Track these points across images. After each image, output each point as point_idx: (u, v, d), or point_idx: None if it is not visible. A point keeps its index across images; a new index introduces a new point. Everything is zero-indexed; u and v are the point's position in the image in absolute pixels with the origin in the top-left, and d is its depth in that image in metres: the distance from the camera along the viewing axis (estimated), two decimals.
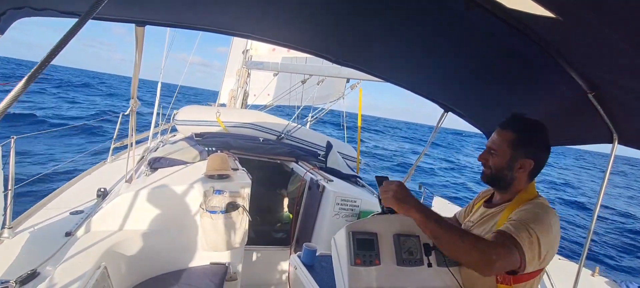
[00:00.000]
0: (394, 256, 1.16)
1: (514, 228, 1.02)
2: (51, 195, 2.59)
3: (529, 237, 1.01)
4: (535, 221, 1.04)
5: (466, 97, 2.03)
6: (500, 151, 1.16)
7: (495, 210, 1.22)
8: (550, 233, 1.05)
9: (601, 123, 1.43)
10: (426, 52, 1.61)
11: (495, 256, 0.96)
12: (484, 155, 1.21)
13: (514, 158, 1.14)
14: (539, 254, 1.02)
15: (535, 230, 1.02)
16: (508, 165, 1.15)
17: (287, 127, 3.98)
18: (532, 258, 1.01)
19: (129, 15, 1.55)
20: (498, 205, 1.23)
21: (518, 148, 1.14)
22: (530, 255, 1.00)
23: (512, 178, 1.17)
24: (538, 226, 1.03)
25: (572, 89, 1.30)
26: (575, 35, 1.01)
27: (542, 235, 1.02)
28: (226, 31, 1.77)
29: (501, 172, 1.17)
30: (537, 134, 1.16)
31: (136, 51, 1.88)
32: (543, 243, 1.02)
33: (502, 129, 1.18)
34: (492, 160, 1.18)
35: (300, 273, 1.59)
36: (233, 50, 7.18)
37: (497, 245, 0.99)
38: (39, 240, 1.83)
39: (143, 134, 4.60)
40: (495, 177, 1.19)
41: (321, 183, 2.69)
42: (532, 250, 1.01)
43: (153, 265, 2.06)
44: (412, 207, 1.02)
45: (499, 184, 1.21)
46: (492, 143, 1.19)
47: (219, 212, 2.09)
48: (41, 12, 1.25)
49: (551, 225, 1.06)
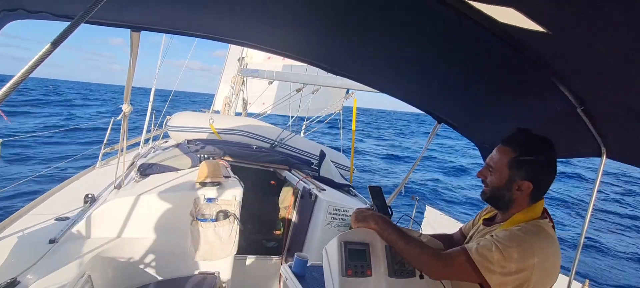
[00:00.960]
0: (386, 267, 1.15)
1: (476, 246, 1.02)
2: (36, 200, 2.52)
3: (491, 257, 0.97)
4: (508, 242, 0.98)
5: (459, 109, 2.05)
6: (498, 169, 1.10)
7: (490, 228, 1.17)
8: (530, 258, 0.97)
9: (590, 137, 1.45)
10: (419, 63, 1.63)
11: (437, 264, 1.06)
12: (483, 172, 1.16)
13: (511, 179, 1.07)
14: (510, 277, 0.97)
15: (504, 252, 0.96)
16: (506, 185, 1.08)
17: (281, 135, 3.97)
18: (499, 280, 0.97)
19: (124, 20, 1.54)
20: (497, 224, 1.17)
21: (516, 169, 1.07)
22: (494, 276, 0.97)
23: (510, 198, 1.10)
24: (510, 248, 0.97)
25: (561, 103, 1.32)
26: (565, 50, 1.03)
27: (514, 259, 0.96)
28: (222, 38, 1.77)
29: (498, 191, 1.11)
30: (540, 154, 1.07)
31: (131, 56, 1.87)
32: (514, 267, 0.96)
33: (503, 145, 1.11)
34: (490, 178, 1.12)
35: (290, 284, 1.56)
36: (230, 57, 7.19)
37: (442, 256, 1.07)
38: (21, 247, 1.77)
39: (134, 140, 4.54)
40: (493, 196, 1.14)
41: (314, 192, 2.68)
42: (496, 271, 0.97)
43: (140, 274, 2.01)
44: (370, 221, 1.17)
45: (497, 204, 1.16)
46: (491, 160, 1.13)
47: (209, 220, 2.05)
48: (35, 14, 1.24)
49: (533, 250, 0.97)
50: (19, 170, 7.83)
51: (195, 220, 2.03)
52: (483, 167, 1.17)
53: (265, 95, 6.61)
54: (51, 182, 5.03)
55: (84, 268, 1.61)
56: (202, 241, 2.04)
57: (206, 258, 2.07)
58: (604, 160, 1.54)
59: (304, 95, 6.07)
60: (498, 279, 0.97)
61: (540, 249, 0.99)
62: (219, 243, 2.08)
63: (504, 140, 1.12)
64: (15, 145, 9.59)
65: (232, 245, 2.14)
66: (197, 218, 2.03)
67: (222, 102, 6.02)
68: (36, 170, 7.27)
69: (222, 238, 2.09)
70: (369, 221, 1.18)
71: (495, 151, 1.14)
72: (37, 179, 4.58)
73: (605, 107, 1.26)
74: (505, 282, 0.98)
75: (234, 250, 2.16)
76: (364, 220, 1.18)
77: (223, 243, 2.10)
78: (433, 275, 1.11)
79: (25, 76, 0.62)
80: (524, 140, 1.09)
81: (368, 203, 3.08)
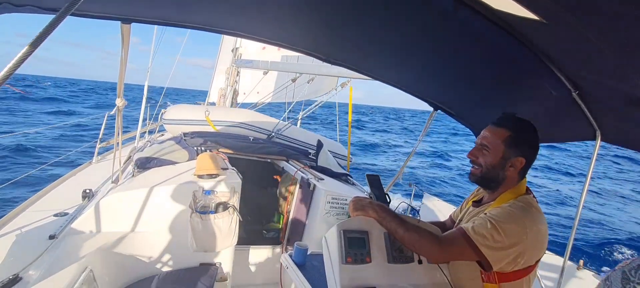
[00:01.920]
0: (385, 254, 1.17)
1: (472, 224, 1.07)
2: (35, 196, 2.52)
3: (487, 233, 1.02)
4: (502, 218, 1.04)
5: (454, 95, 2.06)
6: (494, 148, 1.15)
7: (482, 208, 1.23)
8: (522, 231, 1.03)
9: (585, 121, 1.47)
10: (415, 51, 1.62)
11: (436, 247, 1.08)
12: (474, 153, 1.19)
13: (506, 157, 1.14)
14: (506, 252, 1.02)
15: (499, 228, 1.02)
16: (500, 163, 1.14)
17: (278, 126, 3.96)
18: (496, 255, 1.02)
19: (114, 11, 1.51)
20: (485, 204, 1.23)
21: (512, 146, 1.13)
22: (490, 252, 1.02)
23: (503, 177, 1.15)
24: (504, 224, 1.03)
25: (557, 88, 1.33)
26: (559, 36, 1.04)
27: (508, 233, 1.02)
28: (215, 29, 1.75)
29: (493, 170, 1.15)
30: (530, 133, 1.17)
31: (122, 49, 1.84)
32: (509, 241, 1.01)
33: (496, 127, 1.17)
34: (484, 158, 1.16)
35: (291, 273, 1.58)
36: (222, 48, 7.09)
37: (441, 239, 1.11)
38: (21, 244, 1.77)
39: (130, 134, 4.51)
40: (485, 176, 1.17)
41: (312, 182, 2.69)
42: (493, 247, 1.02)
43: (141, 267, 2.02)
44: (368, 209, 1.18)
45: (489, 184, 1.20)
46: (484, 139, 1.17)
47: (208, 212, 2.06)
48: (21, 8, 1.21)
49: (525, 224, 1.04)
50: (16, 166, 7.77)
51: (194, 212, 2.04)
52: (474, 149, 1.20)
53: (260, 86, 6.56)
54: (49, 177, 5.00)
55: (85, 263, 1.62)
56: (202, 233, 2.05)
57: (207, 249, 2.08)
58: (599, 143, 1.57)
59: (299, 85, 6.03)
60: (496, 254, 1.02)
61: (531, 222, 1.06)
62: (219, 235, 2.10)
63: (497, 121, 1.18)
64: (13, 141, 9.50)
65: (232, 236, 2.15)
66: (196, 211, 2.04)
67: (217, 94, 5.97)
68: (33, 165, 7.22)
69: (222, 230, 2.10)
70: (367, 210, 1.19)
71: (487, 132, 1.18)
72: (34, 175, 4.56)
73: (600, 92, 1.27)
74: (503, 257, 1.03)
75: (234, 241, 2.18)
76: (362, 209, 1.20)
77: (223, 235, 2.11)
78: (433, 259, 1.15)
79: (14, 69, 0.62)
80: (516, 120, 1.17)
81: (366, 191, 3.11)
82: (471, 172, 1.21)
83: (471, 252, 1.04)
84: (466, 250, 1.05)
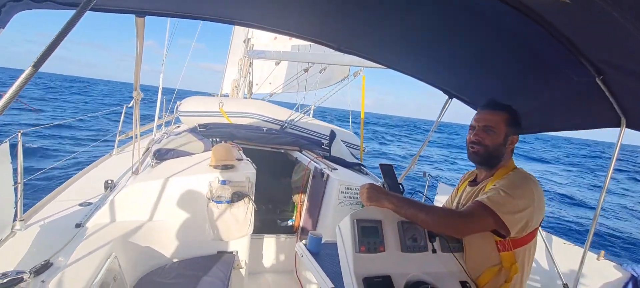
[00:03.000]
0: (399, 243, 1.17)
1: (486, 196, 1.15)
2: (60, 187, 2.63)
3: (503, 200, 1.12)
4: (511, 186, 1.16)
5: (471, 83, 2.00)
6: (498, 129, 1.25)
7: (479, 186, 1.30)
8: (530, 195, 1.15)
9: (609, 107, 1.41)
10: (430, 38, 1.58)
11: (460, 221, 1.15)
12: (480, 135, 1.28)
13: (507, 136, 1.26)
14: (520, 215, 1.12)
15: (511, 194, 1.13)
16: (503, 141, 1.26)
17: (291, 117, 3.98)
18: (513, 219, 1.11)
19: (128, 5, 1.54)
20: (482, 181, 1.32)
21: (511, 127, 1.26)
22: (508, 217, 1.11)
23: (503, 154, 1.28)
24: (515, 190, 1.14)
25: (579, 74, 1.27)
26: (582, 19, 0.99)
27: (520, 197, 1.13)
28: (227, 20, 1.75)
29: (497, 149, 1.26)
30: (518, 115, 1.30)
31: (137, 42, 1.87)
32: (522, 204, 1.12)
33: (494, 110, 1.28)
34: (490, 139, 1.26)
35: (306, 261, 1.61)
36: (234, 40, 7.12)
37: (462, 213, 1.18)
38: (50, 232, 1.87)
39: (147, 126, 4.62)
40: (490, 155, 1.27)
41: (325, 172, 2.70)
42: (510, 211, 1.11)
43: (161, 254, 2.10)
44: (383, 200, 1.19)
45: (491, 161, 1.29)
46: (489, 122, 1.27)
47: (224, 202, 2.11)
48: (40, 4, 1.24)
49: (531, 188, 1.16)
50: (41, 159, 8.12)
51: (211, 202, 2.09)
52: (478, 130, 1.29)
53: (272, 76, 6.58)
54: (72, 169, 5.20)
55: (110, 250, 1.70)
56: (219, 222, 2.11)
57: (223, 238, 2.14)
58: (624, 130, 1.50)
59: (311, 75, 6.01)
60: (511, 218, 1.12)
61: (535, 187, 1.18)
62: (235, 224, 2.15)
63: (493, 105, 1.30)
64: (36, 135, 9.92)
65: (248, 225, 2.20)
66: (213, 200, 2.09)
67: (230, 85, 6.03)
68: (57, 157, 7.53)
69: (238, 219, 2.15)
70: (382, 201, 1.19)
71: (488, 115, 1.29)
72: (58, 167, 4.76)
73: (624, 77, 1.21)
74: (517, 220, 1.12)
75: (250, 229, 2.23)
76: (377, 200, 1.20)
77: (239, 224, 2.17)
78: (458, 233, 1.22)
79: (38, 66, 0.64)
80: (505, 104, 1.30)
81: (379, 181, 3.10)
82: (475, 151, 1.29)
83: (491, 221, 1.12)
84: (486, 219, 1.12)
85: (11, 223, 1.84)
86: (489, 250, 1.20)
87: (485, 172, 1.33)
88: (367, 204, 1.22)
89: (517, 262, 1.18)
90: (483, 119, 1.28)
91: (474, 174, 1.42)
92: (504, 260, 1.19)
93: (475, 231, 1.19)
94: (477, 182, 1.35)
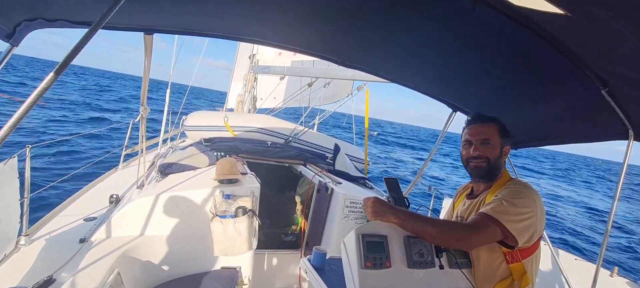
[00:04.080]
0: (405, 258, 1.15)
1: (489, 207, 1.15)
2: (65, 202, 2.64)
3: (507, 210, 1.11)
4: (513, 196, 1.16)
5: (474, 96, 2.00)
6: (494, 141, 1.29)
7: (479, 198, 1.30)
8: (532, 203, 1.16)
9: (615, 119, 1.39)
10: (433, 51, 1.59)
11: (466, 233, 1.14)
12: (479, 149, 1.28)
13: (502, 147, 1.30)
14: (526, 223, 1.12)
15: (514, 203, 1.14)
16: (500, 153, 1.29)
17: (295, 130, 3.99)
18: (519, 228, 1.11)
19: (137, 23, 1.58)
20: (481, 194, 1.32)
21: (503, 137, 1.30)
22: (514, 225, 1.10)
23: (501, 165, 1.31)
24: (517, 199, 1.15)
25: (584, 86, 1.27)
26: (585, 31, 0.99)
27: (523, 206, 1.14)
28: (232, 37, 1.79)
29: (497, 160, 1.29)
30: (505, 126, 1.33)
31: (145, 58, 1.92)
32: (526, 213, 1.13)
33: (485, 122, 1.31)
34: (489, 152, 1.28)
35: (310, 277, 1.58)
36: (240, 55, 7.25)
37: (468, 225, 1.17)
38: (54, 247, 1.87)
39: (153, 140, 4.66)
40: (492, 167, 1.28)
41: (330, 186, 2.69)
42: (516, 220, 1.10)
43: (165, 270, 2.08)
44: (389, 215, 1.18)
45: (493, 174, 1.30)
46: (485, 135, 1.29)
47: (228, 217, 2.10)
48: (54, 23, 1.28)
49: (532, 196, 1.18)
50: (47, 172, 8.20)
51: (215, 216, 2.08)
52: (477, 145, 1.30)
53: (276, 91, 6.64)
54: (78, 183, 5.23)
55: (114, 265, 1.69)
56: (223, 237, 2.09)
57: (227, 253, 2.12)
58: (632, 142, 1.48)
59: (315, 90, 6.06)
60: (518, 226, 1.12)
61: (536, 195, 1.20)
62: (239, 239, 2.13)
63: (482, 119, 1.33)
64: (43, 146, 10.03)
65: (251, 240, 2.18)
66: (216, 215, 2.08)
67: (235, 100, 6.09)
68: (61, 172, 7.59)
69: (242, 234, 2.13)
70: (388, 215, 1.18)
71: (482, 129, 1.30)
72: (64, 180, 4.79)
73: (630, 88, 1.20)
74: (524, 228, 1.12)
75: (253, 245, 2.20)
76: (383, 215, 1.19)
77: (243, 239, 2.14)
78: (466, 246, 1.20)
79: (51, 83, 0.66)
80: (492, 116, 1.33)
81: (384, 195, 3.07)
82: (478, 166, 1.29)
83: (498, 231, 1.11)
84: (493, 230, 1.11)
85: (16, 238, 1.85)
86: (498, 263, 1.18)
87: (483, 184, 1.34)
88: (371, 218, 1.21)
89: (527, 272, 1.16)
90: (479, 133, 1.29)
91: (469, 187, 1.42)
92: (514, 272, 1.17)
93: (483, 243, 1.17)
94: (475, 194, 1.35)
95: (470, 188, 1.43)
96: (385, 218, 1.18)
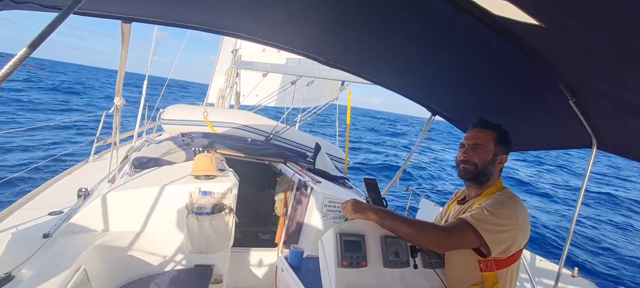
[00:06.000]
0: (381, 258, 1.17)
1: (470, 214, 1.16)
2: (29, 195, 2.49)
3: (486, 219, 1.12)
4: (496, 206, 1.16)
5: (453, 101, 2.06)
6: (486, 147, 1.27)
7: (467, 204, 1.32)
8: (514, 216, 1.15)
9: (582, 129, 1.47)
10: (415, 56, 1.63)
11: (441, 235, 1.15)
12: (469, 153, 1.29)
13: (496, 154, 1.28)
14: (502, 235, 1.12)
15: (495, 213, 1.13)
16: (492, 160, 1.28)
17: (276, 128, 3.96)
18: (494, 239, 1.11)
19: (114, 10, 1.51)
20: (471, 200, 1.33)
21: (499, 145, 1.28)
22: (489, 235, 1.11)
23: (492, 173, 1.29)
24: (499, 210, 1.15)
25: (555, 95, 1.33)
26: (558, 42, 1.04)
27: (504, 217, 1.13)
28: (215, 30, 1.75)
29: (486, 167, 1.27)
30: (508, 135, 1.31)
31: (122, 48, 1.83)
32: (505, 225, 1.13)
33: (483, 128, 1.30)
34: (479, 157, 1.27)
35: (286, 275, 1.57)
36: (223, 49, 7.09)
37: (444, 228, 1.18)
38: (15, 242, 1.75)
39: (127, 133, 4.48)
40: (479, 173, 1.28)
41: (309, 185, 2.68)
42: (492, 230, 1.11)
43: (136, 268, 2.00)
44: (368, 212, 1.20)
45: (480, 180, 1.30)
46: (477, 140, 1.28)
47: (205, 214, 2.05)
48: (21, 5, 1.20)
49: (516, 210, 1.17)
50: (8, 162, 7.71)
51: (190, 213, 2.03)
52: (467, 148, 1.30)
53: (259, 88, 6.56)
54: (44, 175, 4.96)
55: (79, 262, 1.61)
56: (198, 234, 2.04)
57: (202, 251, 2.07)
58: (595, 151, 1.57)
59: (299, 88, 6.03)
60: (494, 237, 1.12)
61: (520, 209, 1.19)
62: (215, 236, 2.08)
63: (482, 124, 1.32)
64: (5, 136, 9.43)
65: (228, 238, 2.14)
66: (192, 212, 2.03)
67: (216, 95, 5.96)
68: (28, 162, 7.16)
69: (219, 231, 2.09)
70: (366, 212, 1.20)
71: (477, 133, 1.30)
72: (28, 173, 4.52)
73: (597, 99, 1.28)
74: (500, 240, 1.13)
75: (230, 242, 2.17)
76: (361, 212, 1.21)
77: (219, 236, 2.10)
78: (440, 247, 1.21)
79: (13, 69, 0.61)
80: (495, 124, 1.31)
81: (363, 195, 3.10)
82: (464, 169, 1.30)
83: (473, 238, 1.12)
84: (469, 236, 1.12)
85: None
86: (471, 268, 1.21)
87: (474, 190, 1.34)
88: (352, 216, 1.22)
89: (498, 282, 1.18)
90: (472, 138, 1.30)
91: (463, 193, 1.44)
92: (486, 280, 1.19)
93: (457, 247, 1.20)
94: (466, 200, 1.37)
95: (464, 194, 1.43)
96: (365, 215, 1.20)
